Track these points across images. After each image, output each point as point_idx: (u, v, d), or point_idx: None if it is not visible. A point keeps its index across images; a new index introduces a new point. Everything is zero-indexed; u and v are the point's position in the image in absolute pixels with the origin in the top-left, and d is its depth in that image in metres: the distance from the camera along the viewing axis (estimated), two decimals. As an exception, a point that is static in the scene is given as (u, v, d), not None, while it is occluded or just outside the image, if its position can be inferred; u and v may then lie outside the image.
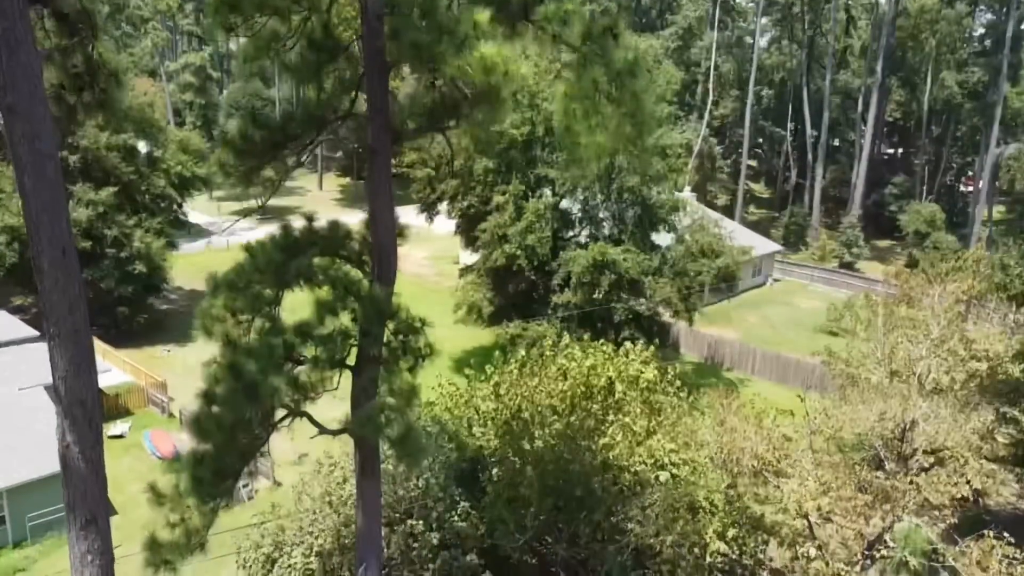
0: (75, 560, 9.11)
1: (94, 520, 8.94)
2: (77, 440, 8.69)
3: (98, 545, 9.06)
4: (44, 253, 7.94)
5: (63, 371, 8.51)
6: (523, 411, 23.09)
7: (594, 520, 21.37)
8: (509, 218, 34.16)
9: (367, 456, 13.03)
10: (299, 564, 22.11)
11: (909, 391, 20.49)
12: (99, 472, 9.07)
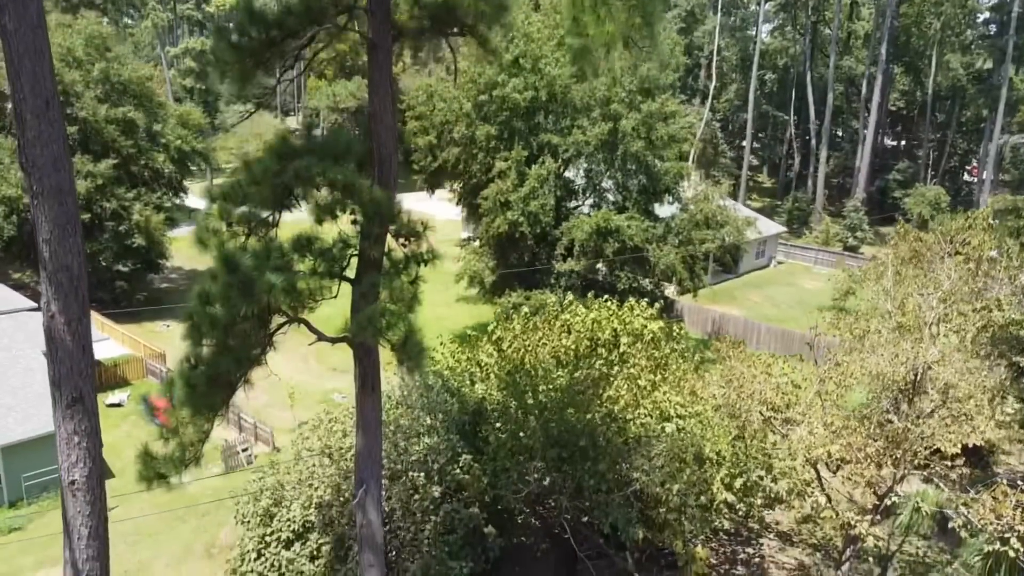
0: (61, 442, 8.73)
1: (80, 399, 8.55)
2: (62, 310, 8.29)
3: (85, 426, 8.68)
4: (26, 102, 7.54)
5: (47, 233, 8.10)
6: (526, 364, 22.71)
7: (599, 470, 20.96)
8: (511, 184, 33.72)
9: (367, 371, 12.64)
10: (298, 517, 21.74)
11: (921, 337, 20.07)
12: (86, 347, 8.68)
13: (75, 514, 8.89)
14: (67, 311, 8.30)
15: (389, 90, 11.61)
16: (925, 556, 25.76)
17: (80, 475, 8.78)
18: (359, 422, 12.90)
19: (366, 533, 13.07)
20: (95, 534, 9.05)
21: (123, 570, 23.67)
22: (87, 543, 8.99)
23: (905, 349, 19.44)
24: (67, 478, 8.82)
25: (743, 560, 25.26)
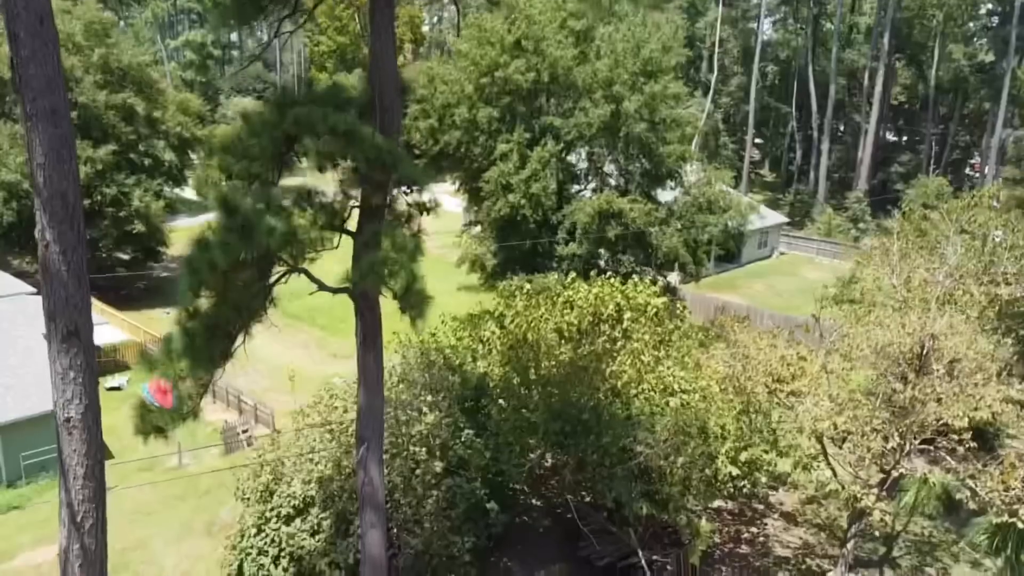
0: (56, 378, 8.51)
1: (76, 332, 8.34)
2: (57, 239, 8.08)
3: (80, 361, 8.47)
4: (20, 18, 7.31)
5: (41, 158, 7.88)
6: (528, 339, 22.51)
7: (602, 444, 20.75)
8: (513, 167, 33.52)
9: (369, 326, 12.43)
10: (298, 492, 21.52)
11: (928, 307, 19.86)
12: (81, 278, 8.45)
13: (70, 453, 8.69)
14: (62, 240, 8.09)
15: (392, 34, 11.41)
16: (931, 536, 25.56)
17: (76, 412, 8.58)
18: (361, 378, 12.70)
19: (368, 492, 12.86)
20: (91, 474, 8.84)
21: (122, 547, 23.44)
22: (83, 483, 8.79)
23: (912, 320, 19.23)
24: (62, 415, 8.61)
25: (747, 539, 25.06)
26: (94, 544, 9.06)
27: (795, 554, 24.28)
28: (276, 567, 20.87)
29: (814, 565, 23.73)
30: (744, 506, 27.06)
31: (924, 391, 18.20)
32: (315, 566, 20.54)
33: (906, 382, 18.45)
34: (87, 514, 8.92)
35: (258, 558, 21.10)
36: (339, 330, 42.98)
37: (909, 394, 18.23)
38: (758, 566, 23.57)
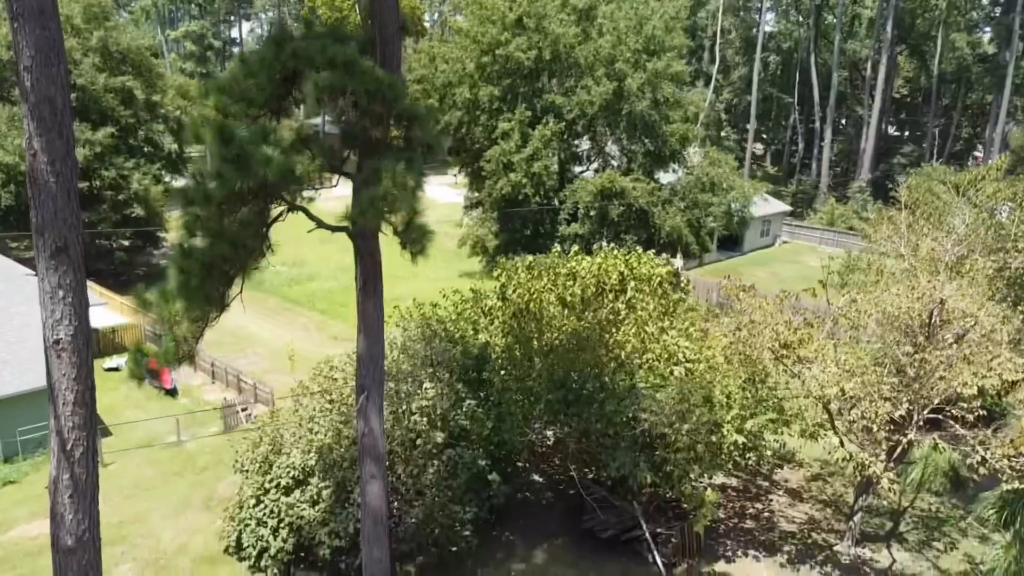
0: (45, 297, 8.21)
1: (65, 248, 8.03)
2: (45, 147, 7.77)
3: (70, 279, 8.16)
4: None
5: (28, 60, 7.56)
6: (531, 308, 22.21)
7: (605, 413, 20.46)
8: (514, 145, 33.20)
9: (369, 272, 12.14)
10: (298, 462, 21.25)
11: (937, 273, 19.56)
12: (71, 192, 8.16)
13: (60, 377, 8.38)
14: (50, 149, 7.79)
15: (392, -36, 11.12)
16: (938, 511, 25.26)
17: (65, 333, 8.27)
18: (360, 325, 12.41)
19: (367, 442, 12.57)
20: (81, 401, 8.55)
21: (119, 520, 23.20)
22: (73, 410, 8.49)
23: (922, 284, 18.93)
24: (51, 337, 8.31)
25: (752, 515, 24.75)
26: (85, 474, 8.77)
27: (801, 529, 23.97)
28: (275, 538, 20.61)
29: (820, 539, 23.42)
30: (748, 483, 26.77)
31: (934, 354, 17.89)
32: (315, 536, 20.26)
33: (916, 346, 18.14)
34: (77, 442, 8.63)
35: (257, 529, 20.84)
36: (339, 314, 42.71)
37: (919, 357, 17.92)
38: (763, 540, 23.27)
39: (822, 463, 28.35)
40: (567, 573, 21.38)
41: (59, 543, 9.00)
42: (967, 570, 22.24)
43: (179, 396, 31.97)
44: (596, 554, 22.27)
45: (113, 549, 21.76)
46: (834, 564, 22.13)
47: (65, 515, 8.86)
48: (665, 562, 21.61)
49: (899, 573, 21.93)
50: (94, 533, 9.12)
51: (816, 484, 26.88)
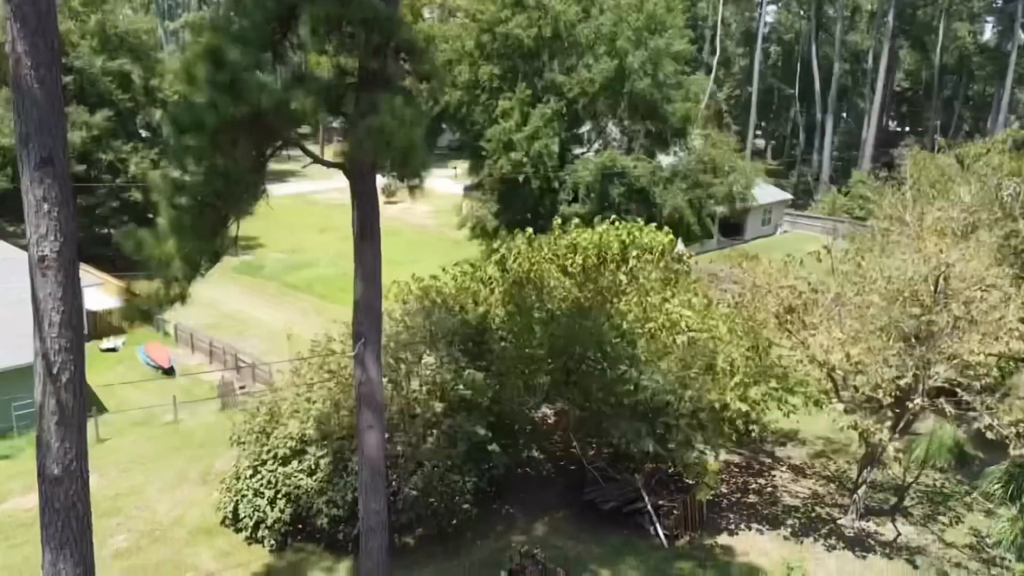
0: (29, 211, 7.92)
1: (50, 160, 7.73)
2: (29, 51, 7.46)
3: (55, 193, 7.88)
4: None
5: (10, -44, 7.31)
6: (531, 277, 21.94)
7: (607, 380, 20.19)
8: (515, 124, 32.93)
9: (366, 215, 11.88)
10: (295, 432, 21.01)
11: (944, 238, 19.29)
12: (56, 101, 7.86)
13: (45, 296, 8.10)
14: (35, 53, 7.49)
15: None
16: (943, 487, 24.98)
17: (51, 249, 7.99)
18: (358, 271, 12.13)
19: (365, 391, 12.30)
20: (67, 323, 8.27)
21: (115, 493, 22.95)
22: (59, 332, 8.21)
23: (928, 246, 18.65)
24: (36, 253, 8.02)
25: (755, 489, 24.47)
26: (71, 400, 8.49)
27: (804, 503, 23.68)
28: (272, 508, 20.35)
29: (824, 513, 23.14)
30: (751, 459, 26.50)
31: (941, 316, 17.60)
32: (312, 505, 20.02)
33: (923, 307, 17.85)
34: (64, 366, 8.34)
35: (254, 499, 20.58)
36: (338, 299, 42.45)
37: (925, 319, 17.64)
38: (766, 514, 22.98)
39: (825, 440, 28.08)
40: (568, 544, 21.09)
41: (45, 472, 8.73)
42: (973, 543, 21.96)
43: (177, 376, 31.69)
44: (597, 526, 21.98)
45: (108, 521, 21.48)
46: (838, 536, 21.85)
47: (51, 443, 8.59)
48: (667, 534, 21.33)
49: (904, 545, 21.65)
50: (82, 464, 8.85)
51: (819, 461, 26.61)
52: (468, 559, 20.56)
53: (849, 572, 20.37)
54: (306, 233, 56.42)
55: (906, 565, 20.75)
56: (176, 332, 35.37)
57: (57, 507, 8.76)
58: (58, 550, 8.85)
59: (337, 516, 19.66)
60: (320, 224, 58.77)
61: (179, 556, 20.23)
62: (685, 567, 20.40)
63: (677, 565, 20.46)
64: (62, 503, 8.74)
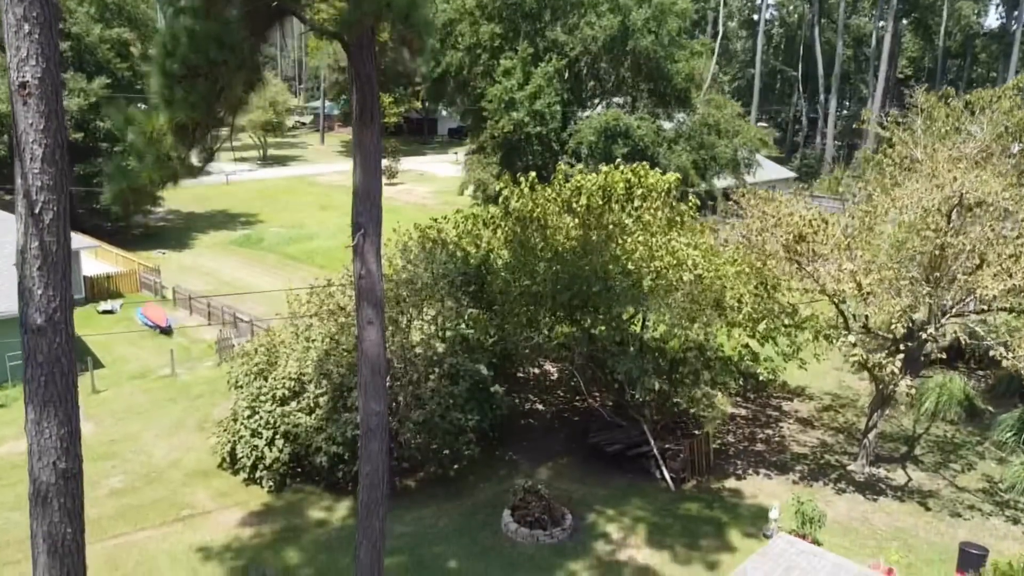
0: (9, 33, 7.42)
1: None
2: None
3: (36, 13, 7.38)
4: None
5: None
6: (535, 215, 21.51)
7: (612, 316, 19.76)
8: (517, 83, 32.48)
9: (366, 98, 11.43)
10: (294, 371, 20.58)
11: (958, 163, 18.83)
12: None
13: (26, 128, 7.65)
14: None
15: None
16: (953, 438, 24.55)
17: (32, 75, 7.54)
18: (356, 159, 11.68)
19: (364, 285, 11.86)
20: (51, 158, 7.82)
21: (110, 439, 22.53)
22: (41, 168, 7.77)
23: (942, 173, 18.21)
24: (16, 79, 7.55)
25: (762, 439, 24.03)
26: (55, 244, 8.06)
27: (813, 451, 23.25)
28: (271, 449, 19.94)
29: (833, 460, 22.71)
30: (758, 413, 26.07)
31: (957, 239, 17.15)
32: (311, 444, 19.60)
33: (936, 231, 17.40)
34: (47, 205, 7.91)
35: (251, 439, 20.18)
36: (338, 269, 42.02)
37: (939, 243, 17.18)
38: (774, 461, 22.55)
39: (833, 396, 27.67)
40: (572, 487, 20.66)
41: (27, 322, 8.29)
42: (986, 487, 21.52)
43: (174, 335, 31.25)
44: (602, 471, 21.56)
45: (103, 464, 21.09)
46: (848, 481, 21.41)
47: (34, 290, 8.16)
48: (673, 477, 20.91)
49: (916, 489, 21.20)
50: (67, 316, 8.41)
51: (827, 414, 26.18)
52: (470, 500, 20.15)
53: (860, 512, 19.92)
54: (307, 210, 56.05)
55: (918, 507, 20.30)
56: (174, 295, 34.95)
57: (40, 360, 8.32)
58: (41, 407, 8.42)
59: (337, 454, 19.25)
60: (321, 202, 58.42)
61: (175, 496, 19.81)
62: (692, 507, 19.97)
63: (684, 505, 20.03)
64: (45, 356, 8.31)
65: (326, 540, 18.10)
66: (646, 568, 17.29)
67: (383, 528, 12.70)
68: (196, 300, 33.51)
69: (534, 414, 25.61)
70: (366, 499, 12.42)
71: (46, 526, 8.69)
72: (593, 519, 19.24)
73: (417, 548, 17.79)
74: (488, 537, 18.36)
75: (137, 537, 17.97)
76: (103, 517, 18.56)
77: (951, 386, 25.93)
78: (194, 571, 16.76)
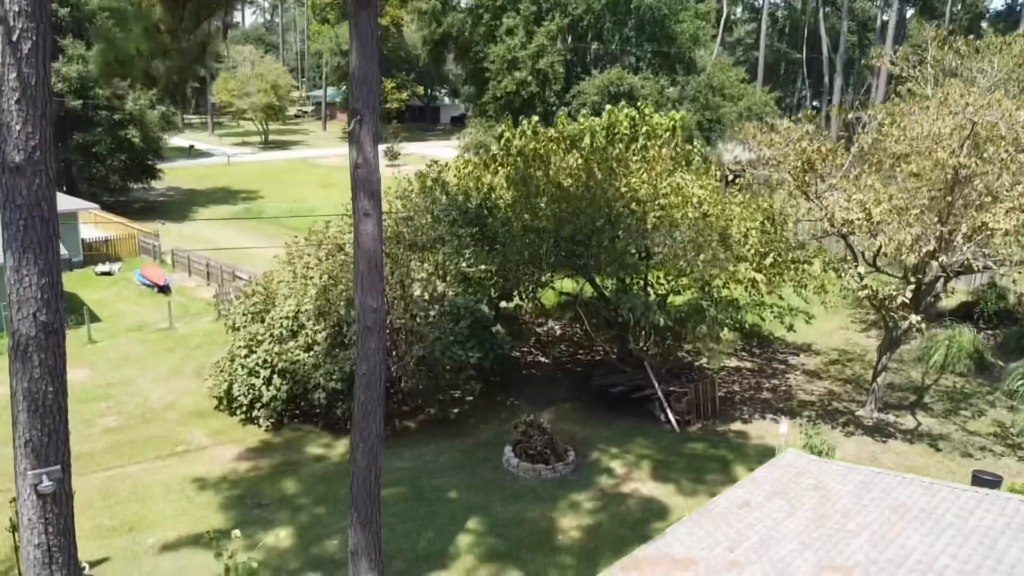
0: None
1: None
2: None
3: None
4: None
5: None
6: (538, 153, 21.14)
7: (617, 250, 19.36)
8: (519, 42, 32.08)
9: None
10: (292, 310, 20.23)
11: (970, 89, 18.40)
12: None
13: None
14: None
15: None
16: (963, 388, 24.12)
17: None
18: (353, 40, 11.28)
19: (362, 174, 11.46)
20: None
21: (106, 383, 22.19)
22: None
23: (955, 98, 17.78)
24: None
25: (769, 388, 23.63)
26: (34, 76, 7.64)
27: (820, 399, 22.84)
28: (268, 387, 19.59)
29: (841, 407, 22.30)
30: (764, 365, 25.68)
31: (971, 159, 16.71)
32: (309, 379, 19.24)
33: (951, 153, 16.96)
34: (25, 33, 7.50)
35: (248, 379, 19.84)
36: (339, 238, 41.87)
37: (953, 162, 16.74)
38: (781, 407, 22.14)
39: (840, 351, 27.24)
40: (576, 429, 20.27)
41: (5, 160, 7.92)
42: (997, 432, 21.10)
43: (172, 294, 30.89)
44: (606, 414, 21.18)
45: (98, 405, 20.76)
46: (856, 425, 21.01)
47: (12, 125, 7.77)
48: (678, 419, 20.51)
49: (926, 433, 20.79)
50: (47, 157, 8.04)
51: (835, 367, 25.79)
52: (471, 439, 19.78)
53: (869, 453, 19.51)
54: (308, 188, 55.75)
55: (928, 448, 19.90)
56: (173, 257, 34.65)
57: (19, 203, 7.95)
58: (21, 253, 8.06)
59: (335, 390, 18.89)
60: (322, 181, 58.11)
61: (170, 434, 19.46)
62: (698, 447, 19.58)
63: (689, 445, 19.64)
64: (24, 199, 7.94)
65: (324, 473, 17.74)
66: (651, 499, 16.90)
67: (381, 432, 12.32)
68: (195, 261, 33.17)
69: (537, 365, 25.25)
70: (363, 399, 12.04)
71: (26, 382, 8.35)
72: (596, 456, 18.85)
73: (416, 480, 17.42)
74: (489, 471, 17.97)
75: (131, 469, 17.62)
76: (96, 451, 18.23)
77: (961, 338, 25.52)
78: (188, 499, 16.39)
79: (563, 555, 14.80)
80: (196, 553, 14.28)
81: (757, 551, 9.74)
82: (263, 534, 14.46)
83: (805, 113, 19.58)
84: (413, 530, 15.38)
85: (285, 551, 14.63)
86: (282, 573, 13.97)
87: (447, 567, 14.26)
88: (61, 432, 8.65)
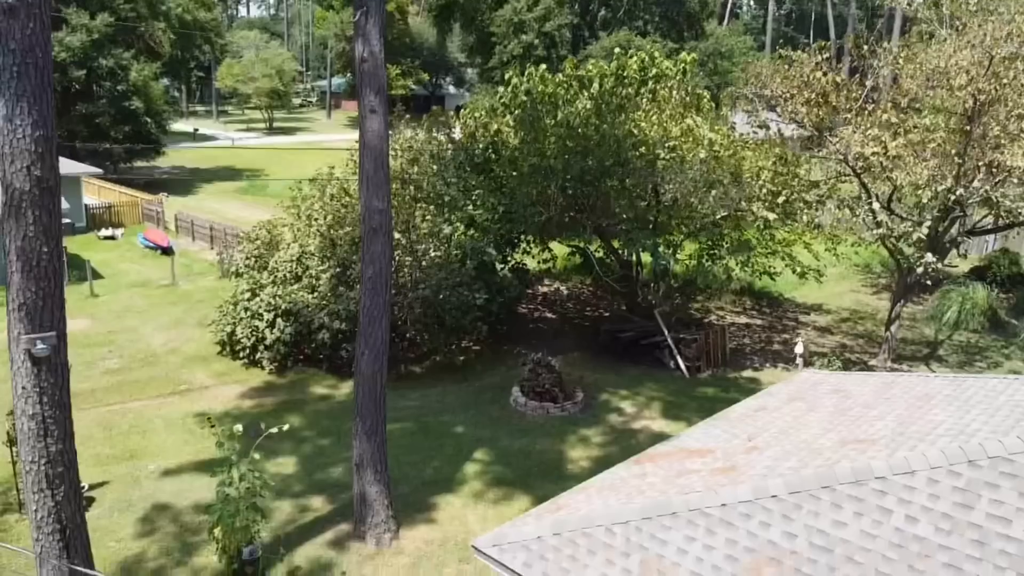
0: None
1: None
2: None
3: None
4: None
5: None
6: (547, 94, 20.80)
7: (626, 187, 19.01)
8: (526, 5, 31.77)
9: None
10: (296, 252, 19.96)
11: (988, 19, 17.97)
12: None
13: None
14: None
15: None
16: (977, 343, 23.71)
17: None
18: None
19: (368, 68, 11.14)
20: None
21: (108, 330, 21.93)
22: None
23: (974, 30, 17.37)
24: None
25: (780, 342, 23.26)
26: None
27: (832, 351, 22.45)
28: (272, 329, 19.28)
29: (853, 358, 21.91)
30: (775, 322, 25.30)
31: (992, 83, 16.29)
32: (312, 320, 18.93)
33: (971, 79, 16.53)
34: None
35: (252, 321, 19.53)
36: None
37: (972, 88, 16.34)
38: (792, 358, 21.75)
39: (851, 311, 26.83)
40: (585, 374, 19.91)
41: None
42: (1014, 380, 20.67)
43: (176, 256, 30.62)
44: (615, 362, 20.85)
45: (99, 350, 20.49)
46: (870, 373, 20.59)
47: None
48: (688, 365, 20.16)
49: (941, 380, 20.36)
50: (43, 2, 7.73)
51: (846, 324, 25.40)
52: (478, 383, 19.47)
53: (883, 397, 19.08)
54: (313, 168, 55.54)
55: (944, 394, 19.45)
56: (176, 222, 34.41)
57: (12, 48, 7.61)
58: (15, 102, 7.73)
59: (339, 330, 18.58)
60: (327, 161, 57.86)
61: (173, 375, 19.17)
62: (708, 390, 19.24)
63: (700, 389, 19.30)
64: (18, 43, 7.59)
65: (328, 410, 17.44)
66: (662, 434, 16.53)
67: (386, 340, 12.02)
68: (199, 226, 32.92)
69: (544, 320, 24.93)
70: (368, 304, 11.73)
71: (20, 240, 8.03)
72: (606, 398, 18.53)
73: (422, 417, 17.11)
74: (496, 410, 17.67)
75: (132, 405, 17.34)
76: (97, 389, 17.97)
77: (975, 295, 25.20)
78: (190, 431, 16.10)
79: (572, 482, 14.38)
80: (197, 478, 14.01)
81: (777, 438, 9.41)
82: (267, 463, 14.17)
83: (819, 44, 19.13)
84: (419, 460, 15.08)
85: (289, 476, 14.34)
86: (286, 495, 13.66)
87: (454, 491, 13.94)
88: (56, 296, 8.35)
